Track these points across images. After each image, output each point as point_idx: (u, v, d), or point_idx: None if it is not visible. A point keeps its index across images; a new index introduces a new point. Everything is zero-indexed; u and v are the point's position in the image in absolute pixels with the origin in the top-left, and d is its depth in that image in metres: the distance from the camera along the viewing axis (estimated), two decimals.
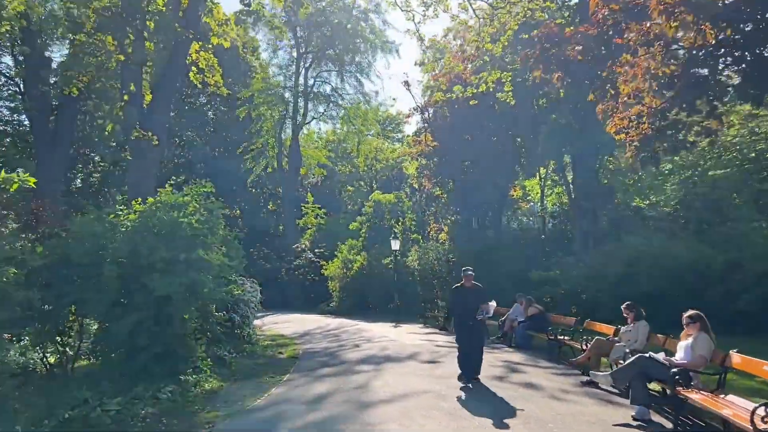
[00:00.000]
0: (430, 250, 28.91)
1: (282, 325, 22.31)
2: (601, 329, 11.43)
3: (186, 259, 9.36)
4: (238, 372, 11.25)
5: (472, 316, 9.42)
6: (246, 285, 16.08)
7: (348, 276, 28.89)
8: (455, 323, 9.88)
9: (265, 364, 12.40)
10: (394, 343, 15.10)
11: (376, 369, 11.04)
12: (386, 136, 56.94)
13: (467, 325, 9.54)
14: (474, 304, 9.45)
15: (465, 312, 9.54)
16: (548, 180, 42.22)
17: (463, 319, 9.63)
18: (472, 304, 9.47)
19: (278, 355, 13.80)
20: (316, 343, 16.27)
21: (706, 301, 16.38)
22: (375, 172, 49.64)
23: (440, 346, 14.67)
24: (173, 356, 9.66)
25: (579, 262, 21.63)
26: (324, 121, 41.77)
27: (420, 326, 21.40)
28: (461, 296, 9.68)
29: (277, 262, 36.44)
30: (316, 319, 24.92)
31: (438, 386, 9.16)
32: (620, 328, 10.46)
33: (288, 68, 39.85)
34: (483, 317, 9.48)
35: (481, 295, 9.63)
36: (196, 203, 10.16)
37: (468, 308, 9.48)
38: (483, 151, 28.87)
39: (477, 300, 9.48)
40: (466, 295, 9.61)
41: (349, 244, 30.78)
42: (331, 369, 11.26)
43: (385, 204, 32.58)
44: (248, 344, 14.78)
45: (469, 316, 9.46)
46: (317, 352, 14.16)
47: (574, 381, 9.62)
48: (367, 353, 13.37)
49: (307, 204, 41.02)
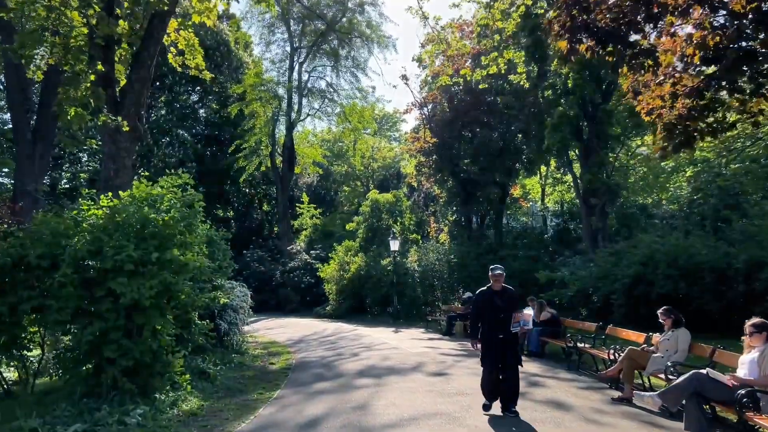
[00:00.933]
0: (431, 251, 27.79)
1: (275, 330, 21.06)
2: (627, 336, 10.24)
3: (159, 259, 8.13)
4: (223, 388, 10.01)
5: (504, 329, 7.53)
6: (235, 289, 14.88)
7: (345, 278, 27.70)
8: (482, 338, 7.75)
9: (254, 377, 11.16)
10: (396, 352, 13.89)
11: (377, 383, 9.82)
12: (383, 135, 55.84)
13: (497, 340, 7.58)
14: (506, 312, 7.57)
15: (494, 323, 7.60)
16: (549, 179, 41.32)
17: (492, 333, 7.63)
18: (503, 313, 7.57)
19: (269, 366, 12.56)
20: (311, 351, 15.05)
21: (728, 302, 15.35)
22: (372, 171, 48.49)
23: (446, 354, 13.47)
24: (146, 372, 8.42)
25: (588, 261, 20.54)
26: (319, 117, 40.55)
27: (421, 331, 20.21)
28: (489, 303, 7.69)
29: (271, 264, 35.20)
30: (312, 324, 23.69)
31: (451, 406, 7.94)
32: (651, 335, 9.29)
33: (281, 63, 38.59)
34: (519, 330, 7.69)
35: (514, 301, 7.79)
36: (173, 196, 8.94)
37: (498, 318, 7.56)
38: (483, 148, 27.85)
39: (509, 307, 7.63)
40: (495, 302, 7.64)
41: (345, 245, 29.60)
42: (328, 383, 10.04)
43: (382, 203, 31.41)
44: (237, 354, 13.55)
45: (500, 328, 7.55)
46: (312, 362, 12.94)
47: (603, 397, 8.44)
48: (367, 364, 12.15)
49: (303, 204, 39.85)
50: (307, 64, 37.73)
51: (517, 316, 7.60)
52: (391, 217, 31.15)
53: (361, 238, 30.37)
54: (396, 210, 31.60)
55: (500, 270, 7.78)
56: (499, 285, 7.72)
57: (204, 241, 11.95)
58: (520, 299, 13.20)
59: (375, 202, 31.51)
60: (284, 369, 12.08)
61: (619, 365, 8.61)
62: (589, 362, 11.22)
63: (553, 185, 39.74)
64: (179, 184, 9.14)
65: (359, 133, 39.88)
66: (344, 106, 37.56)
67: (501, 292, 7.71)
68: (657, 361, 8.07)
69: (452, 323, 18.72)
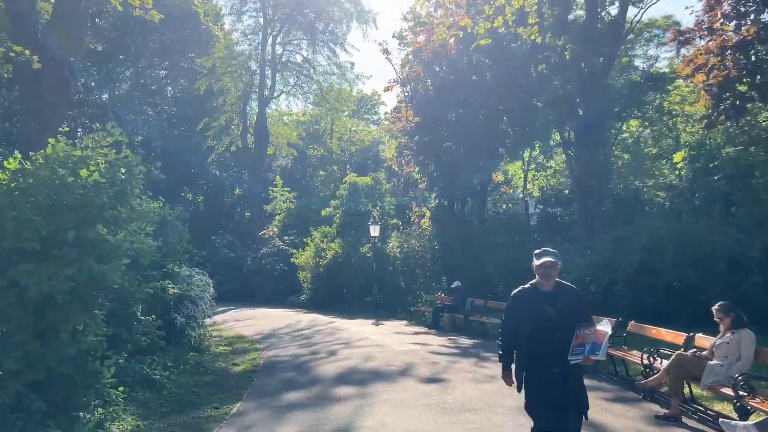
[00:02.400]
0: (413, 237, 26.06)
1: (244, 323, 19.11)
2: (658, 335, 8.62)
3: (77, 238, 6.19)
4: (171, 399, 8.13)
5: (562, 356, 4.35)
6: (194, 278, 12.91)
7: (321, 265, 25.83)
8: (525, 367, 4.55)
9: (212, 383, 9.27)
10: (380, 350, 12.12)
11: (361, 393, 8.04)
12: (361, 117, 53.80)
13: (550, 376, 4.40)
14: (565, 328, 4.37)
15: (545, 346, 4.41)
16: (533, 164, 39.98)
17: (541, 363, 4.44)
18: (559, 331, 4.38)
19: (232, 369, 10.68)
20: (282, 348, 13.20)
21: (743, 293, 13.93)
22: (349, 155, 46.48)
23: (437, 353, 11.74)
24: (63, 385, 6.50)
25: (585, 249, 19.02)
26: (294, 95, 38.20)
27: (405, 323, 18.55)
28: (534, 312, 4.47)
29: (242, 250, 33.09)
30: (285, 315, 21.80)
31: (455, 428, 6.21)
32: (694, 336, 7.68)
33: (254, 36, 36.15)
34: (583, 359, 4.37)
35: (577, 306, 4.56)
36: (103, 160, 6.97)
37: (552, 339, 4.37)
38: (467, 130, 26.19)
39: (571, 319, 4.39)
40: (545, 310, 4.43)
41: (322, 231, 27.71)
42: (300, 393, 8.22)
43: (361, 186, 29.56)
44: (195, 353, 11.65)
45: (556, 354, 4.36)
46: (283, 362, 11.09)
47: (643, 413, 6.80)
48: (347, 365, 10.36)
49: (276, 187, 37.70)
50: (282, 37, 35.47)
51: (583, 335, 4.32)
52: (371, 201, 29.32)
53: (338, 223, 28.50)
54: (375, 193, 29.81)
55: (553, 257, 4.50)
56: (552, 281, 4.51)
57: (154, 219, 10.02)
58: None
59: (353, 186, 29.67)
60: (249, 372, 10.21)
61: (664, 374, 6.96)
62: (605, 363, 9.60)
63: (537, 170, 38.50)
64: (110, 143, 7.16)
65: (337, 114, 37.83)
66: (321, 83, 35.44)
67: (555, 293, 4.50)
68: (716, 371, 6.43)
69: (439, 315, 17.06)
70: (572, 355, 4.32)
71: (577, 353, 4.33)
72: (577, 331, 4.34)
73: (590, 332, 4.35)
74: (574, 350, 4.32)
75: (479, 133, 25.92)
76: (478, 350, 12.19)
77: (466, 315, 16.25)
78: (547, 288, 4.54)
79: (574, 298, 4.60)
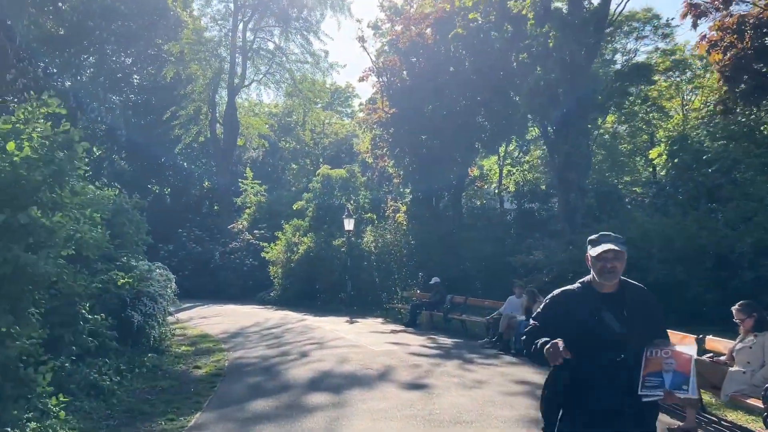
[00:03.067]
0: (388, 231, 25.26)
1: (210, 320, 18.04)
2: None
3: (5, 224, 5.21)
4: (120, 409, 7.16)
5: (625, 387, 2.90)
6: (153, 272, 11.86)
7: (292, 260, 24.83)
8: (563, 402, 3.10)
9: (170, 389, 8.30)
10: (356, 351, 11.27)
11: (337, 402, 7.18)
12: (334, 110, 52.72)
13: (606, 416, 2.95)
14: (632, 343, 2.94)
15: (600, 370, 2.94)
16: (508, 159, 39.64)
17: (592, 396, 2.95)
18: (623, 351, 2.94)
19: (193, 372, 9.71)
20: (250, 348, 12.26)
21: (733, 290, 13.46)
22: (322, 147, 45.39)
23: (417, 354, 10.95)
24: None
25: (567, 244, 18.46)
26: (266, 84, 36.90)
27: (380, 321, 17.75)
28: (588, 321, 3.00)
29: (210, 244, 31.81)
30: (254, 312, 20.80)
31: None
32: (704, 338, 7.02)
33: (224, 22, 34.77)
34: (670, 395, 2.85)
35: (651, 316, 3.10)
36: (38, 135, 5.96)
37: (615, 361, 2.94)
38: (444, 123, 25.50)
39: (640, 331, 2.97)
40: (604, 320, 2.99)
41: (294, 224, 26.70)
42: (269, 402, 7.32)
43: (335, 179, 28.58)
44: (153, 354, 10.63)
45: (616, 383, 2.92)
46: (250, 365, 10.16)
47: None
48: (321, 368, 9.49)
49: (247, 180, 36.42)
50: (253, 23, 34.17)
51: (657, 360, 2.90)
52: (345, 194, 28.39)
53: (310, 216, 27.49)
54: (350, 186, 28.87)
55: (616, 243, 3.09)
56: (616, 280, 3.09)
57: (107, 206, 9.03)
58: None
59: (327, 178, 28.67)
60: (212, 376, 9.25)
61: None
62: None
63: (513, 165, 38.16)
64: (45, 113, 6.14)
65: (310, 105, 36.74)
66: (294, 72, 34.30)
67: (618, 296, 3.09)
68: (738, 379, 5.75)
69: (417, 312, 16.29)
70: (645, 388, 2.84)
71: (652, 386, 2.83)
72: (646, 353, 2.90)
73: (667, 356, 2.86)
74: (647, 381, 2.85)
75: (456, 126, 25.29)
76: (461, 351, 11.44)
77: (445, 313, 15.51)
78: (608, 289, 3.07)
79: (647, 305, 3.11)
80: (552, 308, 3.20)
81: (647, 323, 3.03)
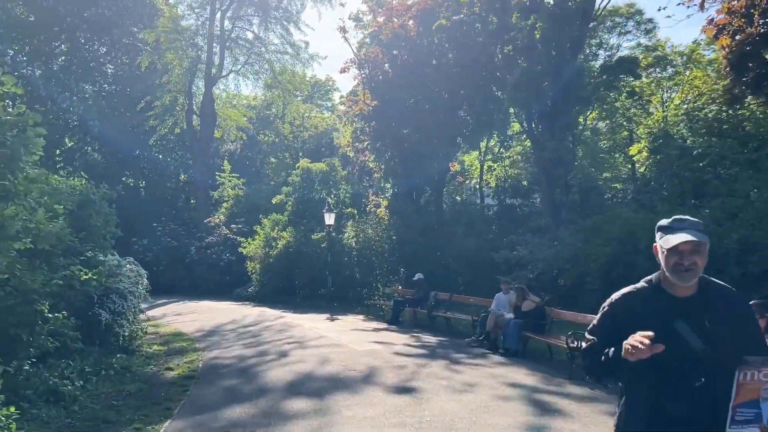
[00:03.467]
0: (369, 226, 24.77)
1: (185, 317, 17.38)
2: None
3: None
4: (82, 417, 6.57)
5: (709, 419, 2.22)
6: (123, 268, 11.22)
7: (271, 255, 24.20)
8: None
9: (138, 393, 7.72)
10: (338, 350, 10.77)
11: (319, 409, 6.68)
12: (314, 103, 51.96)
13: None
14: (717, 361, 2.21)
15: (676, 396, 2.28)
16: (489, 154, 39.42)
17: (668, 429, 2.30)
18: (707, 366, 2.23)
19: (165, 374, 9.12)
20: (225, 347, 11.68)
21: None
22: (302, 141, 44.65)
23: (403, 354, 10.49)
24: None
25: (552, 240, 18.16)
26: (245, 75, 36.03)
27: (362, 318, 17.27)
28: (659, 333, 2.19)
29: (186, 239, 30.98)
30: (231, 309, 20.15)
31: None
32: None
33: (201, 10, 33.80)
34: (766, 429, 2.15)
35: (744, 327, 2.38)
36: None
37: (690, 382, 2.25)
38: (426, 117, 25.08)
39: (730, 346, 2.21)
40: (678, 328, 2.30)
41: (272, 219, 26.06)
42: (245, 408, 6.80)
43: (315, 173, 27.96)
44: (123, 354, 10.02)
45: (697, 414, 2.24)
46: (225, 366, 9.60)
47: None
48: (301, 370, 8.98)
49: (224, 173, 35.59)
50: (232, 12, 33.29)
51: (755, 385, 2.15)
52: (325, 188, 27.81)
53: (290, 211, 26.86)
54: (330, 180, 28.28)
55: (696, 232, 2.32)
56: (695, 280, 2.38)
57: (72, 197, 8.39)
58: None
59: (306, 172, 28.02)
60: (184, 378, 8.68)
61: None
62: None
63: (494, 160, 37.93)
64: None
65: (290, 97, 35.99)
66: (273, 63, 33.51)
67: (698, 300, 2.39)
68: None
69: (400, 310, 15.83)
70: (736, 423, 2.16)
71: (745, 421, 2.17)
72: (738, 376, 2.16)
73: (767, 379, 2.14)
74: (738, 414, 2.16)
75: (438, 120, 24.91)
76: (447, 350, 11.01)
77: (429, 310, 15.06)
78: (684, 291, 2.40)
79: (737, 311, 2.42)
80: (612, 317, 2.53)
81: (737, 336, 2.28)
